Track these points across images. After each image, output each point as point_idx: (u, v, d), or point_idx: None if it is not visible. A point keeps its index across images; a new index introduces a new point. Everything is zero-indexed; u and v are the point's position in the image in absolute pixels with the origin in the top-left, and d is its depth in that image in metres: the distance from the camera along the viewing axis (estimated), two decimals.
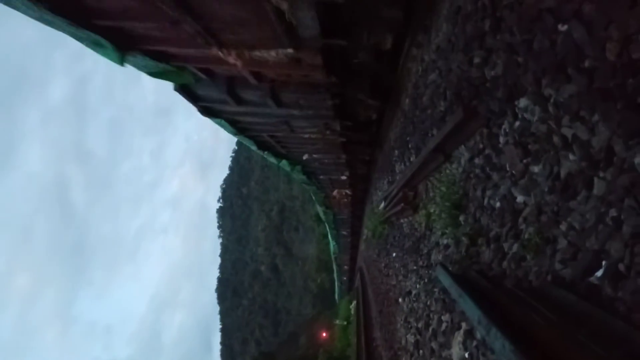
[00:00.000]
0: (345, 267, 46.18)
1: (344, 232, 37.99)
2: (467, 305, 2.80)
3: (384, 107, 10.40)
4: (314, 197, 28.53)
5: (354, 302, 24.06)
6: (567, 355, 1.79)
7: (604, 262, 2.01)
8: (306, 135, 11.68)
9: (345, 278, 48.99)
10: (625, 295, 1.79)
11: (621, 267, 1.87)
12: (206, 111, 9.26)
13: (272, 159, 14.97)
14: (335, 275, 53.98)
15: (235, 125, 10.74)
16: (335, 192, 24.52)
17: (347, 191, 23.94)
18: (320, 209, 31.98)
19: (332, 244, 41.79)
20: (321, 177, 21.08)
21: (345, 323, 31.52)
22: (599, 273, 2.01)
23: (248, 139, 12.27)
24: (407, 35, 7.06)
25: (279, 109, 8.57)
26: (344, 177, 19.77)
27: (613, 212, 1.98)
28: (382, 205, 11.39)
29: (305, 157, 15.19)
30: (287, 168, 16.33)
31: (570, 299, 2.08)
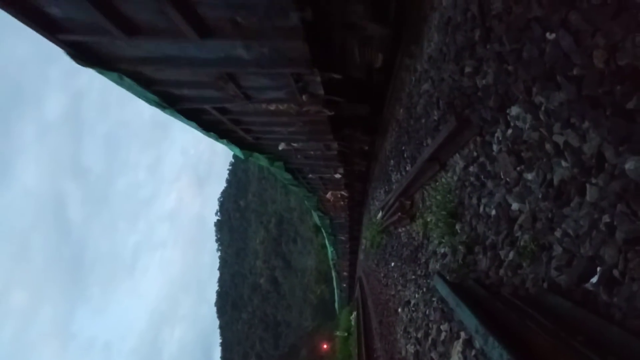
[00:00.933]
0: (345, 273, 45.54)
1: (342, 237, 36.44)
2: (465, 315, 2.79)
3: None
4: (306, 202, 25.60)
5: (355, 313, 23.97)
6: None
7: (598, 269, 2.01)
8: (272, 107, 8.01)
9: (345, 285, 48.52)
10: (620, 302, 1.80)
11: (616, 273, 1.87)
12: (84, 55, 5.54)
13: (236, 150, 11.37)
14: (334, 282, 53.00)
15: (151, 88, 6.82)
16: (329, 195, 21.00)
17: (343, 192, 20.65)
18: (314, 214, 28.87)
19: (329, 249, 40.52)
20: (310, 176, 17.25)
21: (346, 334, 31.38)
22: (594, 279, 2.02)
23: (181, 115, 8.05)
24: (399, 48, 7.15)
25: (205, 44, 5.25)
26: (337, 176, 16.44)
27: (606, 218, 1.99)
28: (380, 214, 11.40)
29: (281, 146, 11.49)
30: (264, 163, 13.17)
31: (566, 306, 2.08)
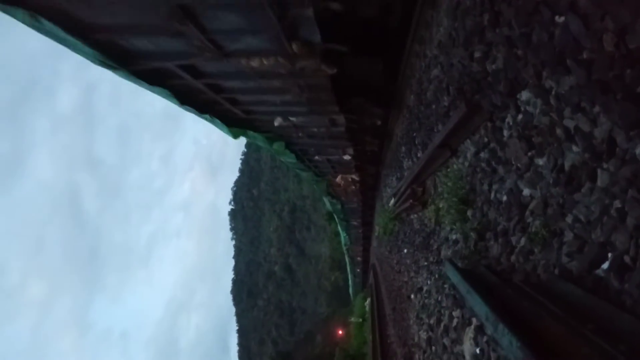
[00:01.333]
0: (358, 258, 45.12)
1: (355, 223, 34.96)
2: (475, 302, 2.79)
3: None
4: (314, 187, 23.77)
5: (369, 299, 24.06)
6: (573, 351, 1.79)
7: (609, 255, 2.00)
8: (254, 63, 6.09)
9: (358, 270, 48.42)
10: (632, 288, 1.78)
11: (627, 259, 1.85)
12: None
13: (222, 128, 9.41)
14: (348, 268, 52.64)
15: (87, 37, 5.11)
16: (339, 179, 18.96)
17: (354, 176, 18.45)
18: (325, 200, 27.16)
19: (342, 235, 39.52)
20: (317, 158, 15.10)
21: (360, 320, 31.55)
22: (605, 265, 2.00)
23: (140, 79, 6.40)
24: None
25: None
26: (347, 157, 14.33)
27: (617, 204, 1.97)
28: (392, 201, 11.37)
29: (277, 122, 9.70)
30: (261, 142, 11.49)
31: (577, 292, 2.07)
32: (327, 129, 10.66)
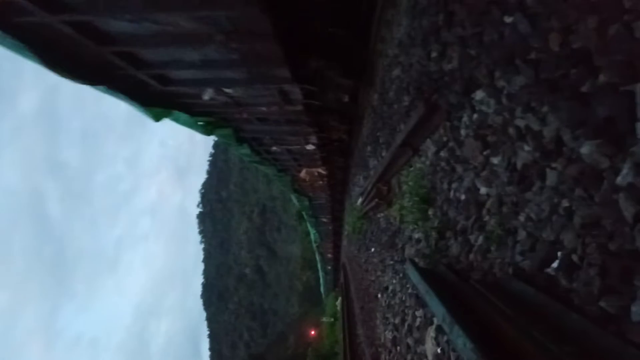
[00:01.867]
0: (329, 255, 44.88)
1: (324, 219, 34.23)
2: (433, 302, 2.79)
3: None
4: (278, 183, 22.06)
5: (340, 299, 24.10)
6: (522, 353, 1.79)
7: (559, 253, 2.01)
8: (170, 26, 5.10)
9: (329, 267, 48.27)
10: (579, 287, 1.79)
11: (575, 258, 1.86)
12: None
13: (134, 104, 6.98)
14: (318, 265, 52.63)
15: None
16: (303, 173, 16.88)
17: (320, 170, 16.49)
18: (292, 197, 25.66)
19: (312, 232, 39.41)
20: (274, 149, 12.76)
21: (332, 320, 31.61)
22: (555, 264, 2.01)
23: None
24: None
25: None
26: (310, 147, 12.15)
27: (565, 203, 1.98)
28: (360, 200, 11.40)
29: (207, 95, 7.32)
30: (194, 127, 8.83)
31: (529, 292, 2.08)
32: (280, 107, 8.31)
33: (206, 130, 9.21)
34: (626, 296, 1.53)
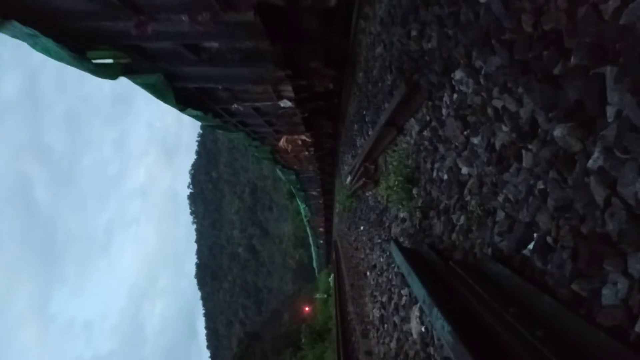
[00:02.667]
0: (321, 229, 44.18)
1: (314, 192, 32.47)
2: (415, 284, 2.81)
3: None
4: (255, 154, 19.50)
5: (332, 275, 24.34)
6: (496, 337, 1.81)
7: (535, 235, 2.02)
8: None
9: (321, 242, 48.04)
10: (553, 269, 1.81)
11: (549, 239, 1.88)
12: None
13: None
14: (310, 240, 52.04)
15: None
16: (282, 142, 13.61)
17: (304, 137, 13.03)
18: (277, 170, 23.04)
19: (301, 206, 37.69)
20: (235, 107, 9.30)
21: (325, 296, 31.99)
22: (531, 246, 2.03)
23: None
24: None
25: None
26: (285, 104, 8.88)
27: (540, 185, 1.99)
28: (349, 179, 11.42)
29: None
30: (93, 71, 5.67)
31: (505, 273, 2.10)
32: (227, 27, 5.44)
33: (110, 72, 6.12)
34: (597, 279, 1.55)
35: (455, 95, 3.12)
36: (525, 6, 1.89)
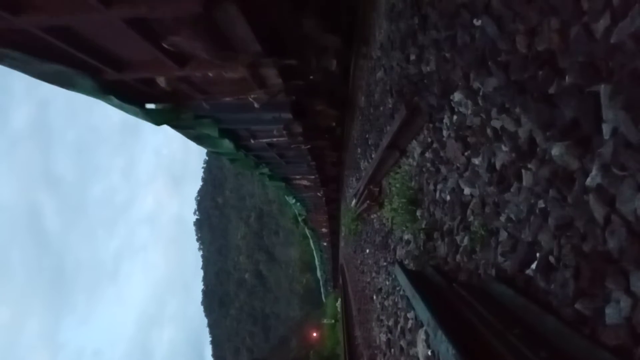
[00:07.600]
0: (324, 229, 38.15)
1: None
2: (419, 306, 2.78)
3: None
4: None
5: (340, 300, 24.07)
6: (501, 359, 1.78)
7: (537, 254, 2.01)
8: None
9: (325, 244, 42.77)
10: (556, 288, 1.79)
11: (552, 259, 1.87)
12: None
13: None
14: (311, 243, 45.43)
15: None
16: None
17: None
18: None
19: (291, 201, 28.36)
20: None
21: (333, 321, 31.54)
22: (534, 265, 2.01)
23: None
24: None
25: None
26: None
27: (541, 204, 1.99)
28: (354, 202, 11.41)
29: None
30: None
31: (508, 293, 2.08)
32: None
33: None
34: (599, 298, 1.53)
35: (455, 117, 3.14)
36: (519, 28, 1.92)
